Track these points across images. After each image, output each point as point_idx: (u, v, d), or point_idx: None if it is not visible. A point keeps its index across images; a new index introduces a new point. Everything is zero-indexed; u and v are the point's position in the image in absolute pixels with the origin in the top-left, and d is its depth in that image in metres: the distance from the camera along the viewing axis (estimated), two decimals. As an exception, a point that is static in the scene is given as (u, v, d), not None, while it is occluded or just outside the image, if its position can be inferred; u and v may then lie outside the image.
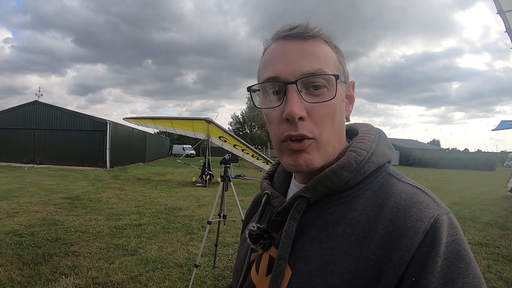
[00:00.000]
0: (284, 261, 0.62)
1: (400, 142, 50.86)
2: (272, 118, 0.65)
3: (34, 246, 5.05)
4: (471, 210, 9.58)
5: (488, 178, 23.41)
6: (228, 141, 12.13)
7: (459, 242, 0.54)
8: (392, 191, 0.61)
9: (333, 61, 0.66)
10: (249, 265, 0.74)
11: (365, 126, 0.76)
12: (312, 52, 0.63)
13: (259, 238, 0.69)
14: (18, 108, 24.45)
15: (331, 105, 0.63)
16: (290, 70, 0.62)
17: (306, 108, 0.61)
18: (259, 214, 0.76)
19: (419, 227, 0.54)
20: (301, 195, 0.64)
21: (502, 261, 5.10)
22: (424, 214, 0.55)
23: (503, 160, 52.88)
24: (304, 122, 0.61)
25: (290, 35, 0.65)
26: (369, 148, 0.66)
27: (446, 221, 0.55)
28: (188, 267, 4.49)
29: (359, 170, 0.63)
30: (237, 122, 55.97)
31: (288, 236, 0.63)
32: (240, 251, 0.83)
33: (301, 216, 0.64)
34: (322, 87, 0.62)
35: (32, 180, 13.76)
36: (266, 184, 0.80)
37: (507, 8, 6.07)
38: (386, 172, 0.66)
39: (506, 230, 7.17)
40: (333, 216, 0.62)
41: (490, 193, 14.23)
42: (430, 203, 0.58)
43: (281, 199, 0.72)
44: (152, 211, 8.19)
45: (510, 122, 12.54)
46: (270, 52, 0.67)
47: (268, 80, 0.64)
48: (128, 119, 14.01)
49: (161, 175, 18.43)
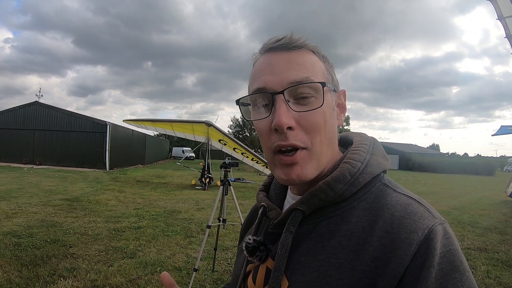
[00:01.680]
0: (281, 272, 0.62)
1: (400, 146, 50.90)
2: (262, 129, 0.65)
3: (32, 248, 5.04)
4: (471, 215, 9.58)
5: (487, 183, 23.41)
6: (227, 144, 12.09)
7: (453, 252, 0.54)
8: (386, 202, 0.61)
9: (320, 70, 0.66)
10: (245, 275, 0.74)
11: (359, 136, 0.75)
12: (298, 62, 0.64)
13: (255, 250, 0.69)
14: (18, 108, 24.50)
15: (320, 113, 0.63)
16: (277, 80, 0.62)
17: (295, 117, 0.61)
18: (256, 226, 0.76)
19: (413, 239, 0.54)
20: (296, 208, 0.64)
21: (502, 267, 5.09)
22: (418, 225, 0.55)
23: (503, 164, 52.85)
24: (294, 132, 0.61)
25: (276, 46, 0.66)
26: (363, 159, 0.65)
27: (440, 231, 0.55)
28: (187, 271, 4.48)
29: (353, 182, 0.62)
30: (237, 125, 56.21)
31: (284, 248, 0.63)
32: (238, 262, 0.84)
33: (297, 228, 0.64)
34: (309, 96, 0.62)
35: (31, 181, 13.76)
36: (262, 196, 0.80)
37: (507, 14, 6.08)
38: (381, 183, 0.66)
39: (506, 235, 7.16)
40: (328, 228, 0.62)
41: (489, 198, 14.22)
42: (424, 213, 0.58)
43: (277, 211, 0.72)
44: (151, 213, 8.18)
45: (510, 127, 12.56)
46: (258, 65, 0.68)
47: (255, 91, 0.65)
48: (128, 121, 14.00)
49: (160, 178, 18.43)
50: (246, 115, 0.71)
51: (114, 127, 24.07)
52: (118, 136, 24.85)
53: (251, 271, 0.74)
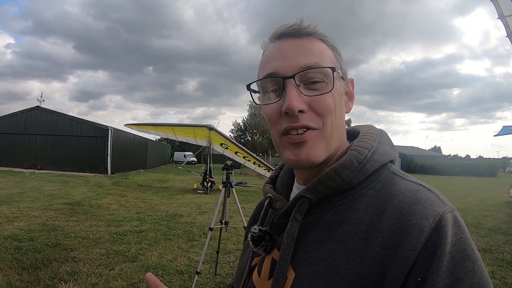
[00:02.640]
0: (286, 263, 0.61)
1: (402, 149, 50.89)
2: (271, 113, 0.65)
3: (33, 251, 5.02)
4: (474, 216, 9.53)
5: (490, 184, 23.33)
6: (229, 148, 12.10)
7: (465, 240, 0.53)
8: (395, 190, 0.60)
9: (329, 57, 0.66)
10: (250, 269, 0.73)
11: (366, 127, 0.75)
12: (308, 47, 0.64)
13: (260, 240, 0.68)
14: (20, 113, 24.63)
15: (330, 97, 0.63)
16: (287, 66, 0.63)
17: (306, 101, 0.62)
18: (262, 217, 0.75)
19: (424, 225, 0.52)
20: (303, 195, 0.63)
21: (507, 267, 5.05)
22: (429, 212, 0.54)
23: (505, 166, 52.81)
24: (305, 115, 0.61)
25: (286, 33, 0.66)
26: (371, 146, 0.65)
27: (451, 219, 0.54)
28: (189, 274, 4.45)
29: (361, 168, 0.62)
30: (239, 129, 56.25)
31: (290, 237, 0.62)
32: (243, 257, 0.82)
33: (304, 217, 0.63)
34: (319, 81, 0.63)
35: (33, 185, 13.76)
36: (268, 188, 0.79)
37: (508, 13, 6.07)
38: (389, 171, 0.65)
39: (510, 235, 7.11)
40: (336, 217, 0.61)
41: (492, 199, 14.16)
42: (434, 200, 0.57)
43: (283, 202, 0.70)
44: (153, 217, 8.15)
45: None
46: (268, 52, 0.68)
47: (266, 76, 0.65)
48: (130, 126, 14.03)
49: (162, 182, 18.42)
50: (257, 100, 0.71)
51: (116, 132, 24.15)
52: (119, 140, 24.91)
53: (256, 264, 0.72)
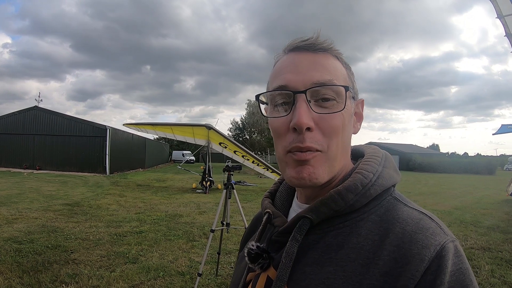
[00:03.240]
0: (283, 283, 0.60)
1: (400, 147, 50.94)
2: (278, 127, 0.63)
3: (33, 254, 5.01)
4: (473, 215, 9.56)
5: (488, 182, 23.40)
6: (228, 147, 12.11)
7: (463, 271, 0.53)
8: (398, 216, 0.60)
9: (343, 75, 0.65)
10: (244, 284, 0.72)
11: (371, 148, 0.75)
12: (322, 64, 0.63)
13: (258, 258, 0.67)
14: (18, 113, 24.51)
15: (340, 118, 0.62)
16: (300, 80, 0.61)
17: (315, 119, 0.60)
18: (259, 232, 0.74)
19: (424, 255, 0.53)
20: (304, 215, 0.63)
21: (506, 266, 5.08)
22: (430, 241, 0.54)
23: (503, 163, 52.89)
24: (311, 134, 0.60)
25: (301, 46, 0.65)
26: (376, 170, 0.64)
27: (452, 249, 0.54)
28: (190, 275, 4.45)
29: (365, 192, 0.61)
30: (237, 128, 56.15)
31: (288, 257, 0.61)
32: (237, 269, 0.81)
33: (303, 238, 0.63)
34: (331, 99, 0.62)
35: (32, 186, 13.73)
36: (267, 203, 0.78)
37: (506, 12, 6.09)
38: (392, 196, 0.65)
39: (509, 234, 7.14)
40: (336, 240, 0.61)
41: (491, 197, 14.21)
42: (436, 230, 0.57)
43: (282, 219, 0.70)
44: (153, 218, 8.16)
45: (511, 126, 12.58)
46: (281, 63, 0.67)
47: (277, 89, 0.63)
48: (128, 125, 14.01)
49: (161, 181, 18.40)
50: (264, 112, 0.69)
51: (114, 131, 24.09)
52: (118, 140, 24.86)
53: (251, 280, 0.71)
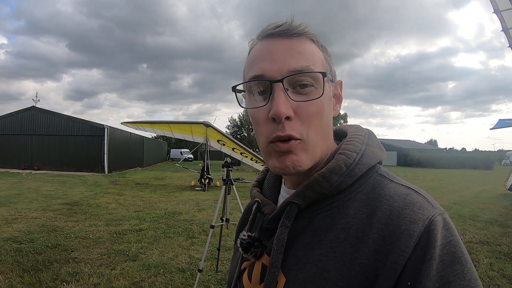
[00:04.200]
0: (277, 269, 0.61)
1: (398, 142, 51.05)
2: (258, 118, 0.63)
3: (34, 253, 5.02)
4: (471, 209, 9.61)
5: (486, 177, 23.49)
6: (226, 145, 12.07)
7: (454, 243, 0.53)
8: (384, 193, 0.59)
9: (319, 59, 0.64)
10: (239, 273, 0.73)
11: (353, 128, 0.74)
12: (298, 50, 0.62)
13: (250, 247, 0.68)
14: (15, 113, 24.39)
15: (318, 104, 0.61)
16: (276, 68, 0.60)
17: (293, 107, 0.60)
18: (250, 222, 0.74)
19: (413, 230, 0.53)
20: (291, 201, 0.63)
21: (504, 259, 5.11)
22: (418, 216, 0.54)
23: (501, 158, 53.15)
24: (291, 122, 0.60)
25: (275, 33, 0.63)
26: (359, 149, 0.64)
27: (440, 222, 0.54)
28: (190, 272, 4.47)
29: (349, 173, 0.61)
30: (235, 125, 56.13)
31: (279, 243, 0.62)
32: (233, 260, 0.82)
33: (293, 223, 0.63)
34: (309, 85, 0.61)
35: (31, 186, 13.71)
36: (256, 192, 0.78)
37: (503, 7, 6.09)
38: (378, 174, 0.65)
39: (507, 228, 7.19)
40: (325, 222, 0.61)
41: (489, 191, 14.27)
42: (424, 204, 0.57)
43: (271, 206, 0.70)
44: (152, 215, 8.17)
45: (508, 121, 12.62)
46: (255, 51, 0.65)
47: (253, 79, 0.62)
48: (126, 124, 13.96)
49: (159, 180, 18.40)
50: (241, 103, 0.69)
51: (112, 130, 24.04)
52: (116, 139, 24.81)
53: (246, 268, 0.72)
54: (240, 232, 0.84)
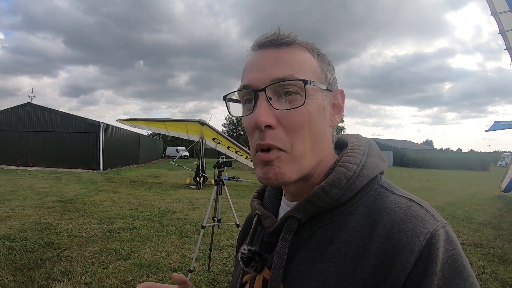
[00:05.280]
0: (277, 283, 0.60)
1: (393, 142, 51.22)
2: (247, 127, 0.64)
3: (26, 251, 4.98)
4: (465, 211, 9.65)
5: (481, 178, 23.62)
6: (222, 143, 12.11)
7: (456, 257, 0.52)
8: (385, 206, 0.58)
9: (311, 68, 0.63)
10: (241, 286, 0.73)
11: (354, 138, 0.73)
12: (284, 59, 0.61)
13: (250, 261, 0.67)
14: (10, 110, 24.28)
15: (303, 112, 0.60)
16: (262, 78, 0.60)
17: (277, 116, 0.59)
18: (251, 235, 0.73)
19: (414, 244, 0.52)
20: (291, 215, 0.62)
21: (497, 262, 5.12)
22: (419, 230, 0.53)
23: (496, 160, 53.36)
24: (273, 131, 0.59)
25: (265, 43, 0.64)
26: (359, 161, 0.63)
27: (442, 235, 0.53)
28: (182, 271, 4.45)
29: (350, 185, 0.60)
30: (231, 124, 56.06)
31: (280, 258, 0.61)
32: (235, 273, 0.82)
33: (293, 237, 0.62)
34: (294, 93, 0.60)
35: (25, 183, 13.64)
36: (256, 204, 0.77)
37: (500, 10, 6.11)
38: (379, 185, 0.64)
39: (501, 230, 7.22)
40: (326, 235, 0.60)
41: (484, 193, 14.35)
42: (425, 216, 0.56)
43: (272, 219, 0.69)
44: (146, 214, 8.14)
45: (504, 123, 12.70)
46: (247, 62, 0.66)
47: (241, 88, 0.64)
48: (122, 121, 13.96)
49: (154, 177, 18.37)
50: (233, 112, 0.69)
51: (108, 127, 23.96)
52: (111, 136, 24.74)
53: (247, 281, 0.72)
54: (241, 244, 0.84)
